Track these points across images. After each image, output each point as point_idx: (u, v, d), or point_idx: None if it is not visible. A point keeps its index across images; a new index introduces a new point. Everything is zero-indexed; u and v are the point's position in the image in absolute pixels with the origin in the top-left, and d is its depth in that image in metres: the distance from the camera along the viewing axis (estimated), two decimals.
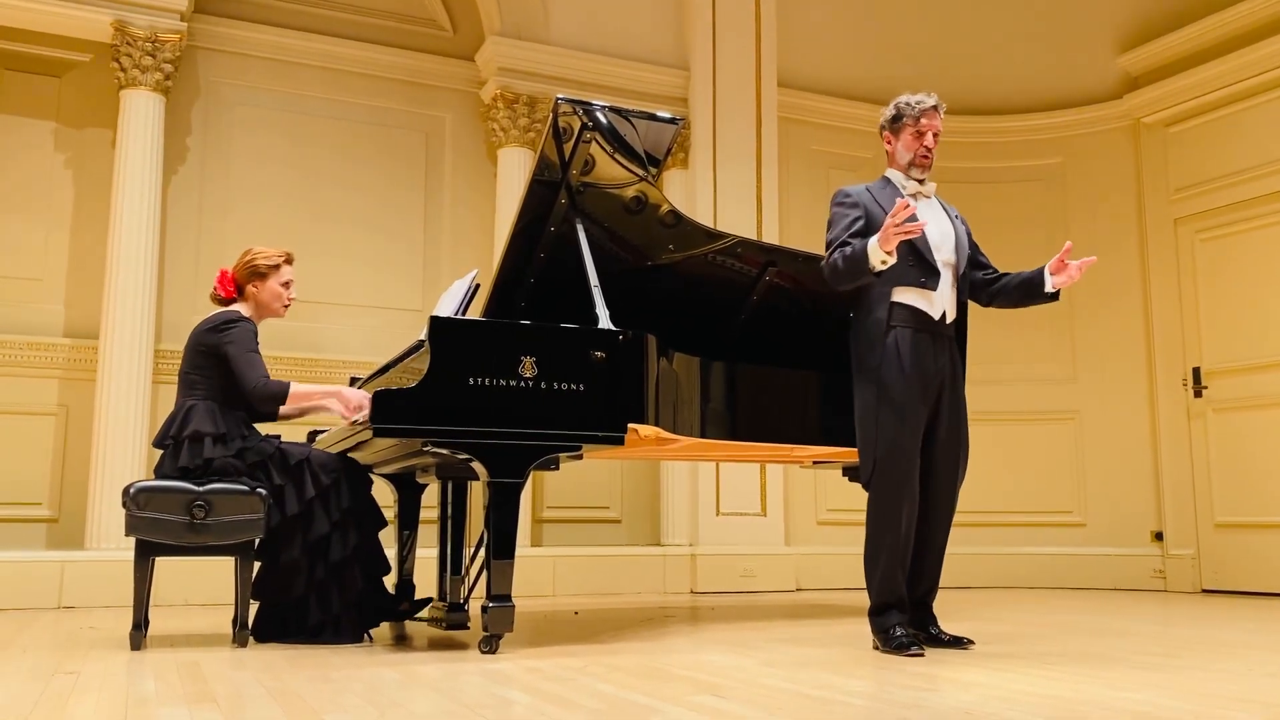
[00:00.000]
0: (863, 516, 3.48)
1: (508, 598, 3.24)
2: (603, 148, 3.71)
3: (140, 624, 3.37)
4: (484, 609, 3.23)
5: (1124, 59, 7.31)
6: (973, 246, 3.64)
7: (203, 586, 5.14)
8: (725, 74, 6.99)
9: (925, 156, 3.48)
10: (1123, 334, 7.19)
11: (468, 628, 3.81)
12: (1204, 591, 6.54)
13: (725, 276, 4.35)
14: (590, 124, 3.64)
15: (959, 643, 3.42)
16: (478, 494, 3.75)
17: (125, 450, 5.37)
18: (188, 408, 3.58)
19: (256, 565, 3.58)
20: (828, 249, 3.47)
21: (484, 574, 3.34)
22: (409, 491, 4.26)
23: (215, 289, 3.80)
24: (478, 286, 3.82)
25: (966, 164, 7.63)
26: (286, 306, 3.86)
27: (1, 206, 5.72)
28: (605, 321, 3.48)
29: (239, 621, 3.45)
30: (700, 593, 6.26)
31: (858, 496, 5.10)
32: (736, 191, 6.87)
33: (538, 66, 6.62)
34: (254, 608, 3.60)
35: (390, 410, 3.16)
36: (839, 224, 3.47)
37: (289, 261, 3.85)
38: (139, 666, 2.94)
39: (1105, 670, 2.91)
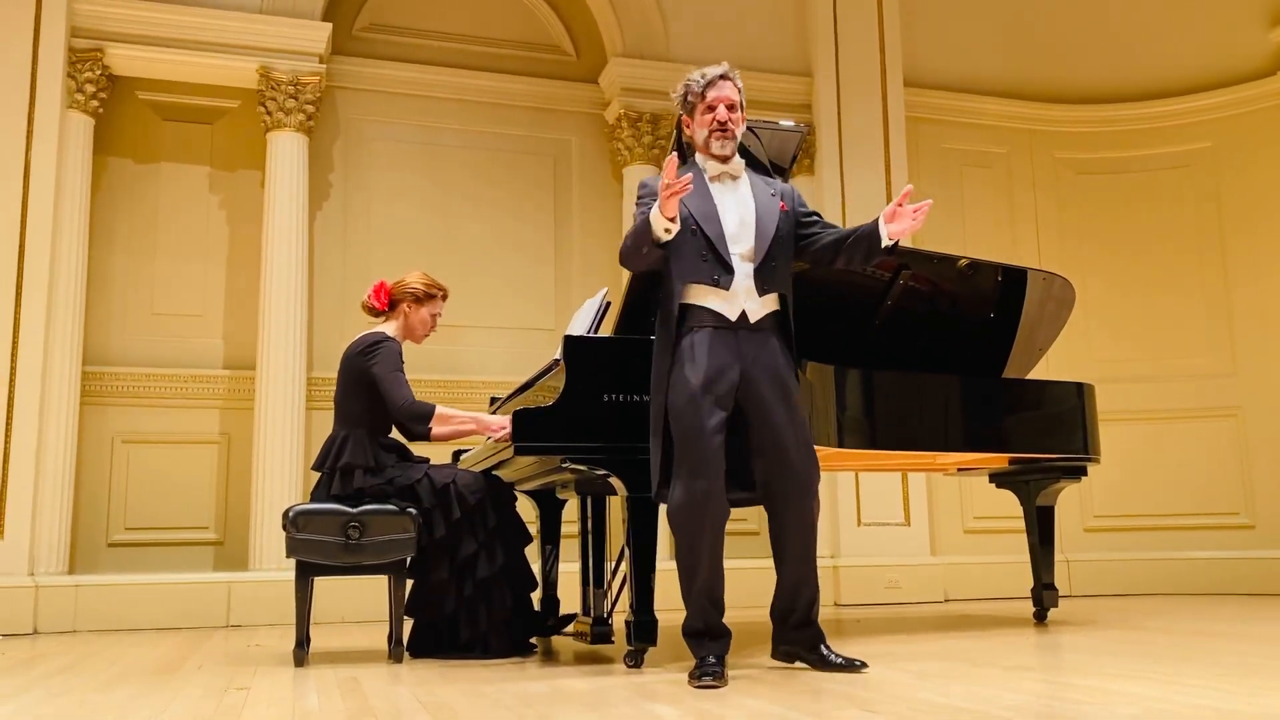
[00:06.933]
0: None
1: (650, 611, 3.25)
2: None
3: (303, 641, 3.51)
4: (627, 623, 3.25)
5: (1277, 32, 6.90)
6: (802, 219, 3.26)
7: (358, 604, 5.34)
8: (849, 77, 6.91)
9: (720, 130, 3.17)
10: None
11: (612, 641, 3.84)
12: None
13: (858, 282, 4.29)
14: None
15: (851, 665, 3.04)
16: (617, 509, 3.79)
17: (283, 475, 5.64)
18: (343, 437, 3.72)
19: (409, 583, 3.70)
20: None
21: (625, 588, 3.37)
22: (550, 507, 4.34)
23: (369, 298, 3.93)
24: (609, 304, 3.87)
25: (1110, 154, 7.33)
26: (426, 335, 3.99)
27: (165, 248, 6.10)
28: None
29: (394, 638, 3.56)
30: (844, 605, 6.15)
31: (1006, 504, 4.97)
32: (865, 196, 6.76)
33: (659, 84, 6.66)
34: (408, 624, 3.71)
35: (529, 429, 3.23)
36: (633, 224, 3.19)
37: (445, 297, 3.99)
38: (303, 682, 3.07)
39: None
